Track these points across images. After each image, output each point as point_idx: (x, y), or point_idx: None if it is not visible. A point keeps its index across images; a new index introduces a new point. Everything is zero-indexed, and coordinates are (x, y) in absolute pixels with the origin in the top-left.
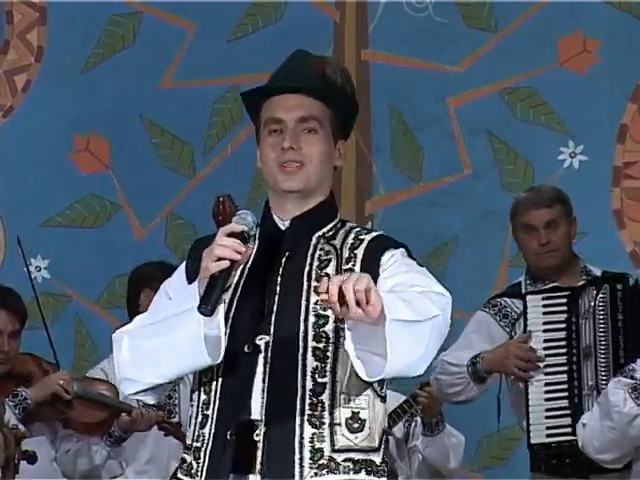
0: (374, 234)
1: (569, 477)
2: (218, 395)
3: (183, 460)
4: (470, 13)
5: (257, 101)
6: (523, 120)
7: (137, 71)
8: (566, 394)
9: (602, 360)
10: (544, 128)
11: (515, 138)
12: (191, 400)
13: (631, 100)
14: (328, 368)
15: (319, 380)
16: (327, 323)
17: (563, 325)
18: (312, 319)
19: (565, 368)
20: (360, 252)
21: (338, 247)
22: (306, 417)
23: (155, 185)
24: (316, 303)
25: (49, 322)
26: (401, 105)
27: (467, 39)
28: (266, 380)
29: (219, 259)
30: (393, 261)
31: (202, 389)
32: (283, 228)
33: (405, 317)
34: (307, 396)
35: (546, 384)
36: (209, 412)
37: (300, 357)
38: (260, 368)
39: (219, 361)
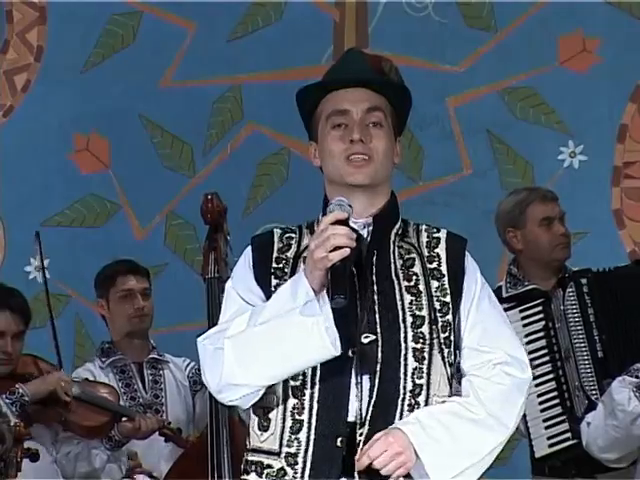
0: (444, 231)
1: (575, 477)
2: (316, 399)
3: (266, 465)
4: (470, 13)
5: (316, 97)
6: (523, 120)
7: (137, 71)
8: (558, 401)
9: (581, 359)
10: (544, 128)
11: (515, 138)
12: (264, 404)
13: (631, 100)
14: (425, 369)
15: (417, 381)
16: (423, 324)
17: (542, 333)
18: (409, 319)
19: (552, 375)
20: (442, 252)
21: (416, 245)
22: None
23: (155, 185)
24: (411, 303)
25: (48, 322)
26: None
27: (467, 39)
28: (375, 381)
29: (336, 248)
30: (474, 278)
31: (291, 394)
32: (355, 226)
33: (455, 472)
34: (407, 397)
35: (538, 395)
36: (304, 417)
37: (402, 358)
38: (366, 369)
39: (340, 352)
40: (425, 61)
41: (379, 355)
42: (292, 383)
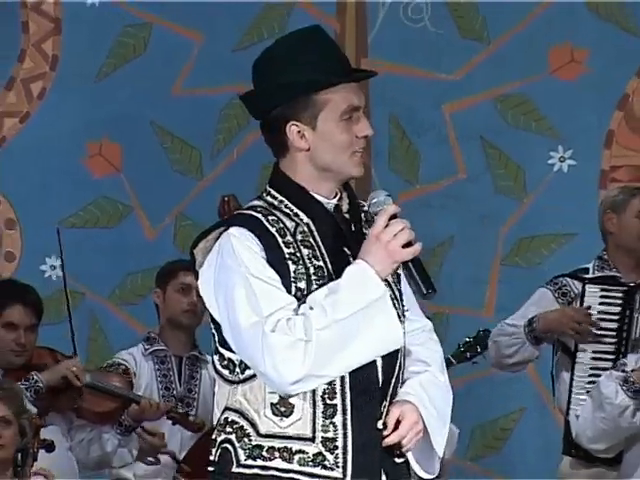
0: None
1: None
2: (348, 382)
3: (296, 451)
4: (464, 25)
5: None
6: (515, 126)
7: (148, 79)
8: None
9: None
10: (535, 134)
11: (507, 143)
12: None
13: (618, 107)
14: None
15: (402, 352)
16: (400, 295)
17: (616, 317)
18: (397, 292)
19: (612, 357)
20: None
21: (364, 219)
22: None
23: (165, 188)
24: (390, 275)
25: (64, 318)
26: (399, 112)
27: (462, 49)
28: (396, 358)
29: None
30: None
31: None
32: (328, 206)
33: (445, 435)
34: (401, 369)
35: (591, 368)
36: (336, 401)
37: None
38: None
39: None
40: (422, 70)
41: (403, 330)
42: None
